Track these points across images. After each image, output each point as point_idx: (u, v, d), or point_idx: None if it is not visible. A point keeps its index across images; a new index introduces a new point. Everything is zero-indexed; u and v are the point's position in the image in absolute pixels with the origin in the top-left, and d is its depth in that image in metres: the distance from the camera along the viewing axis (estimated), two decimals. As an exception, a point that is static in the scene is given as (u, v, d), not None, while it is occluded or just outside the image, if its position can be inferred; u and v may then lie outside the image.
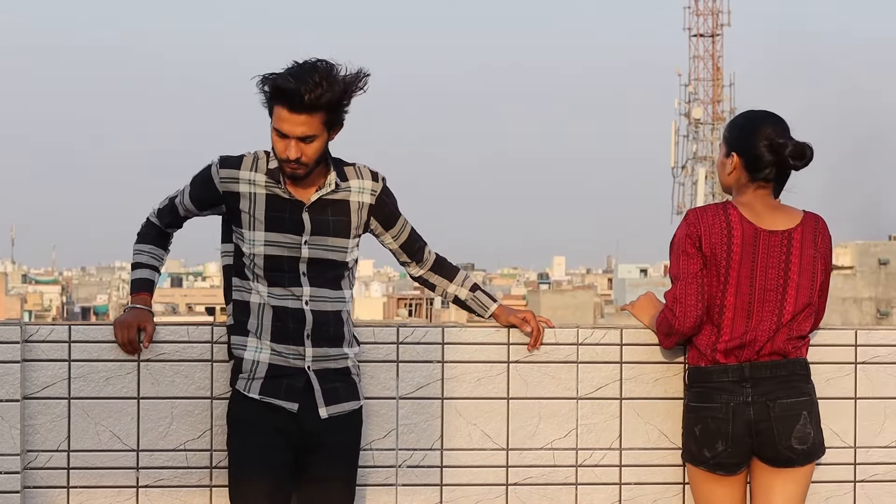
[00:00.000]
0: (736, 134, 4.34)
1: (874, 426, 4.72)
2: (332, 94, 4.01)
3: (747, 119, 4.36)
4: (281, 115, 4.04)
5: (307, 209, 4.18)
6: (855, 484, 4.71)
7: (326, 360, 4.20)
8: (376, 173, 4.31)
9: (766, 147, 4.26)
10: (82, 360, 4.37)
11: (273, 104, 4.05)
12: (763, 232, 4.27)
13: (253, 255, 4.17)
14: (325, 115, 4.05)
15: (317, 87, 3.99)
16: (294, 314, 4.16)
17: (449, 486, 4.55)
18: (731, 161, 4.32)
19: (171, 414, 4.41)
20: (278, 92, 4.01)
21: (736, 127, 4.37)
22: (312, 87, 3.98)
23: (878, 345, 4.74)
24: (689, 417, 4.34)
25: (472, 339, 4.56)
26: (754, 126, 4.30)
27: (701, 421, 4.29)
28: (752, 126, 4.31)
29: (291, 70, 4.03)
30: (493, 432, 4.58)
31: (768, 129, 4.28)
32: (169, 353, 4.40)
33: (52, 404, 4.37)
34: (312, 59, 4.05)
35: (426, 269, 4.49)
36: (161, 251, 4.39)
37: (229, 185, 4.19)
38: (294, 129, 4.03)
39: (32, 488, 4.36)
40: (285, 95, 4.00)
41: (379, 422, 4.51)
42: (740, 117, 4.41)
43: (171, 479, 4.42)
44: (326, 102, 4.02)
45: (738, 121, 4.39)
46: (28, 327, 4.37)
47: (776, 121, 4.31)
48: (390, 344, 4.52)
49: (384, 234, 4.36)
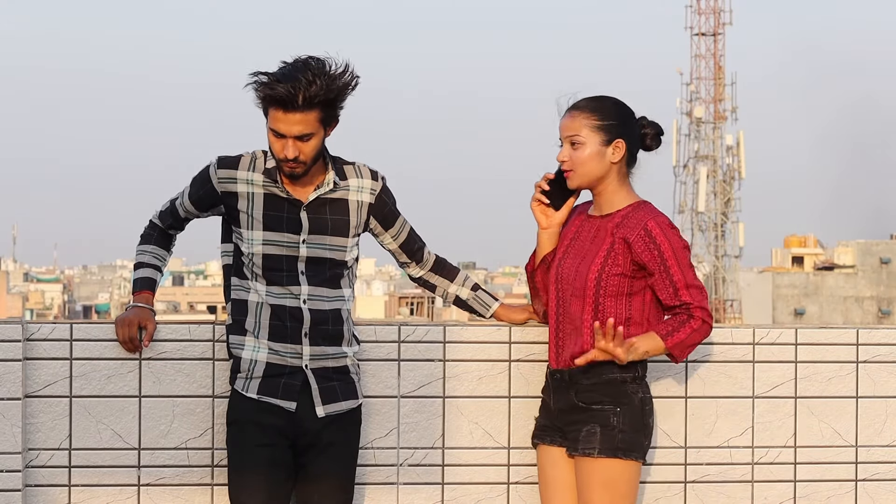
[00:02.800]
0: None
1: (875, 425, 4.72)
2: (325, 90, 4.01)
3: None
4: (277, 116, 4.03)
5: (305, 208, 4.18)
6: (856, 483, 4.72)
7: (324, 358, 4.20)
8: (376, 172, 4.31)
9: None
10: (84, 359, 4.37)
11: (267, 105, 4.05)
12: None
13: (252, 255, 4.17)
14: (320, 113, 4.04)
15: (310, 85, 3.98)
16: (292, 313, 4.16)
17: (450, 485, 4.55)
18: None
19: (172, 412, 4.41)
20: (272, 93, 4.00)
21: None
22: (306, 85, 3.98)
23: (880, 344, 4.74)
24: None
25: (474, 338, 4.56)
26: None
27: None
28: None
29: (283, 70, 4.02)
30: (494, 431, 4.57)
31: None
32: (170, 351, 4.40)
33: (54, 402, 4.37)
34: (303, 57, 4.05)
35: (426, 270, 4.49)
36: (163, 252, 4.39)
37: (227, 185, 4.19)
38: (291, 128, 4.03)
39: (34, 487, 4.36)
40: (279, 96, 3.99)
41: (380, 420, 4.51)
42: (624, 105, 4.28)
43: (172, 478, 4.42)
44: (321, 99, 4.01)
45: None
46: (29, 326, 4.37)
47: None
48: (392, 342, 4.52)
49: (383, 234, 4.35)
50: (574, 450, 4.12)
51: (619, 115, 4.20)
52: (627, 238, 4.10)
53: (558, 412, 4.19)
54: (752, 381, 4.66)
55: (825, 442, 4.69)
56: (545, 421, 4.26)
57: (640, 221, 4.12)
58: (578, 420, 4.13)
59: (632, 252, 4.10)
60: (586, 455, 4.08)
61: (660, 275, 4.08)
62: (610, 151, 4.17)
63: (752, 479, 4.66)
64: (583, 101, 4.22)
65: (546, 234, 4.31)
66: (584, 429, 4.10)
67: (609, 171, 4.19)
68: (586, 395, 4.12)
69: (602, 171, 4.18)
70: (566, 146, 4.20)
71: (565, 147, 4.20)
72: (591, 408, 4.11)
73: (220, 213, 4.27)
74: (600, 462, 4.07)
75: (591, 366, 4.09)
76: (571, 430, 4.15)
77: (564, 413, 4.17)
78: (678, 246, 4.11)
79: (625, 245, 4.10)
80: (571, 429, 4.15)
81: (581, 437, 4.10)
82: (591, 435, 4.09)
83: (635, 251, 4.09)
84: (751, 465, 4.66)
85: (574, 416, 4.14)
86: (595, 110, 4.18)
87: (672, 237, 4.10)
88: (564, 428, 4.18)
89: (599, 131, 4.16)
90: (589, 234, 4.22)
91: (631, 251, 4.10)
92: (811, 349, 4.69)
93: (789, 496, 4.68)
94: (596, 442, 4.08)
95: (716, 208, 62.42)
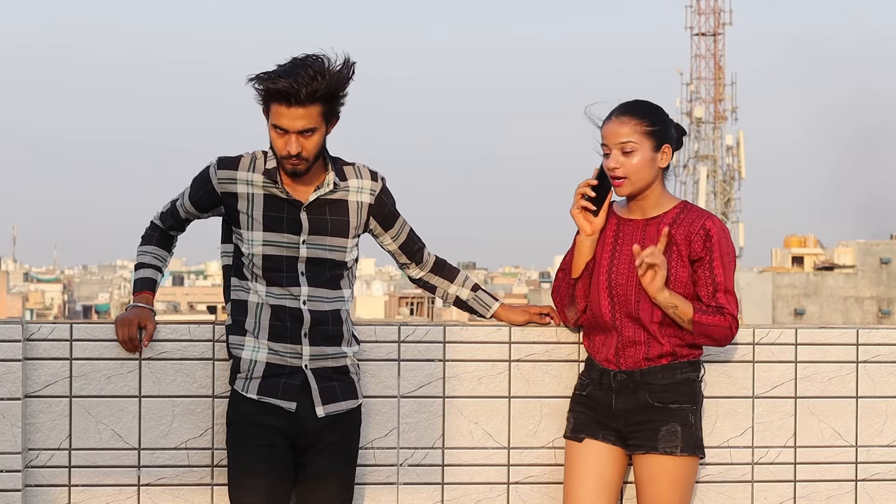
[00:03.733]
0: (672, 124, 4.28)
1: (875, 425, 4.72)
2: (327, 85, 4.03)
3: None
4: (279, 111, 4.05)
5: (305, 209, 4.18)
6: (856, 483, 4.72)
7: (324, 358, 4.20)
8: (375, 173, 4.31)
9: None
10: (84, 359, 4.37)
11: (269, 102, 4.06)
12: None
13: (252, 255, 4.17)
14: (322, 107, 4.06)
15: (312, 81, 4.01)
16: (292, 313, 4.16)
17: (450, 485, 4.55)
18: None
19: (172, 412, 4.41)
20: (275, 87, 4.01)
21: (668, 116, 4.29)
22: (308, 80, 4.00)
23: (880, 344, 4.74)
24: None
25: (474, 338, 4.56)
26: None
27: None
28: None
29: (285, 67, 4.04)
30: (494, 431, 4.57)
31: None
32: (170, 351, 4.40)
33: (54, 403, 4.37)
34: (301, 55, 4.07)
35: (426, 271, 4.49)
36: (164, 252, 4.39)
37: (227, 185, 4.19)
38: (294, 123, 4.04)
39: (34, 487, 4.36)
40: (283, 90, 4.01)
41: (380, 420, 4.51)
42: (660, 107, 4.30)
43: (172, 478, 4.42)
44: (323, 94, 4.03)
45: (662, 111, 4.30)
46: (29, 326, 4.37)
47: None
48: (392, 342, 4.52)
49: (383, 235, 4.36)
50: (651, 449, 4.18)
51: (665, 120, 4.25)
52: (688, 235, 4.18)
53: (622, 413, 4.22)
54: (752, 381, 4.66)
55: (825, 442, 4.69)
56: (594, 417, 4.28)
57: (699, 219, 4.21)
58: (654, 419, 4.19)
59: (690, 249, 4.18)
60: (667, 453, 4.16)
61: (704, 271, 4.18)
62: (660, 157, 4.21)
63: (751, 479, 4.66)
64: (629, 106, 4.23)
65: (590, 240, 4.29)
66: (663, 428, 4.18)
67: (657, 176, 4.23)
68: (662, 395, 4.19)
69: (653, 176, 4.21)
70: (615, 153, 4.18)
71: (615, 154, 4.19)
72: (668, 407, 4.19)
73: (221, 213, 4.27)
74: (681, 460, 4.17)
75: (665, 367, 4.19)
76: (642, 430, 4.20)
77: (631, 413, 4.21)
78: (728, 250, 4.22)
79: (686, 243, 4.18)
80: (643, 428, 4.20)
81: (660, 435, 4.17)
82: (672, 434, 4.17)
83: (694, 248, 4.17)
84: (751, 465, 4.66)
85: (647, 416, 4.20)
86: (645, 116, 4.20)
87: (725, 240, 4.22)
88: (627, 428, 4.22)
89: (650, 137, 4.19)
90: (636, 237, 4.24)
91: (690, 248, 4.18)
92: (811, 349, 4.69)
93: (789, 496, 4.68)
94: (678, 440, 4.17)
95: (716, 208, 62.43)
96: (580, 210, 4.26)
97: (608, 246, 4.27)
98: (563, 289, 4.36)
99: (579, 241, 4.30)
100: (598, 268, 4.28)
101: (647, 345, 4.20)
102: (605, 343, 4.26)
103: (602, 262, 4.27)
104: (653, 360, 4.20)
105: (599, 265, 4.27)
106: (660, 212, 4.24)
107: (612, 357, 4.23)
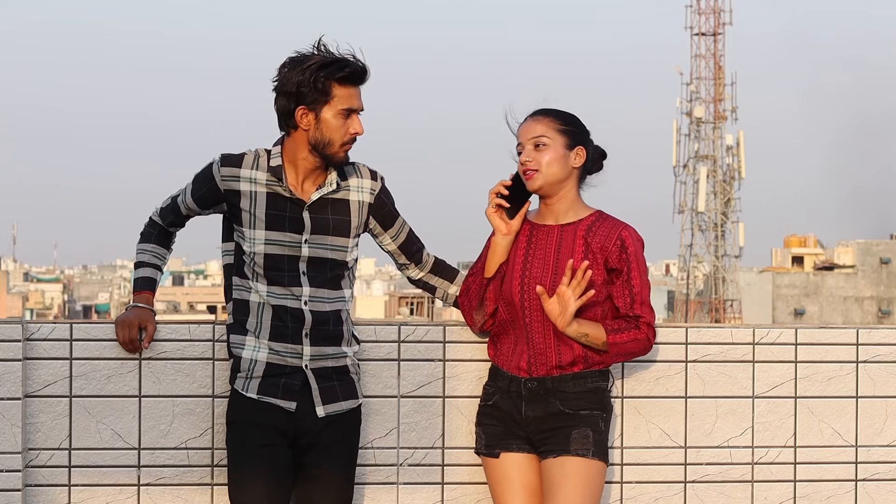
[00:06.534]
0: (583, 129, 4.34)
1: (876, 425, 4.73)
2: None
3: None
4: (350, 93, 4.12)
5: (308, 208, 4.18)
6: (856, 483, 4.72)
7: (324, 358, 4.20)
8: (375, 172, 4.31)
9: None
10: (84, 359, 4.37)
11: (336, 87, 4.10)
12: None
13: (253, 254, 4.17)
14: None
15: (361, 61, 4.13)
16: (293, 313, 4.16)
17: (450, 485, 4.55)
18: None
19: (172, 412, 4.41)
20: (349, 68, 4.09)
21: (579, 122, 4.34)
22: (361, 61, 4.13)
23: (880, 344, 4.74)
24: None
25: (474, 338, 4.56)
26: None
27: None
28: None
29: (338, 56, 4.11)
30: (494, 431, 4.57)
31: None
32: (170, 351, 4.40)
33: (54, 402, 4.37)
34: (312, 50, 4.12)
35: (426, 272, 4.49)
36: (163, 250, 4.39)
37: (230, 183, 4.19)
38: (362, 102, 4.16)
39: (34, 486, 4.36)
40: (357, 72, 4.11)
41: (380, 420, 4.51)
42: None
43: (172, 478, 4.42)
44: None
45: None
46: (29, 325, 4.37)
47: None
48: (392, 342, 4.53)
49: (383, 235, 4.36)
50: (563, 451, 4.14)
51: (580, 125, 4.32)
52: (604, 245, 4.20)
53: (532, 420, 4.21)
54: (752, 381, 4.67)
55: (825, 442, 4.70)
56: (504, 428, 4.26)
57: (615, 229, 4.23)
58: (565, 425, 4.18)
59: (606, 257, 4.19)
60: (579, 455, 4.13)
61: (621, 283, 4.20)
62: (572, 156, 4.26)
63: (751, 479, 4.66)
64: (545, 109, 4.32)
65: (506, 240, 4.31)
66: (574, 432, 4.16)
67: (570, 176, 4.27)
68: (573, 402, 4.19)
69: (564, 174, 4.25)
70: (528, 148, 4.25)
71: (528, 149, 4.25)
72: (579, 413, 4.19)
73: (223, 211, 4.26)
74: (592, 463, 4.15)
75: (576, 375, 4.19)
76: (554, 435, 4.18)
77: (543, 420, 4.20)
78: (643, 261, 4.25)
79: (602, 252, 4.20)
80: (554, 434, 4.18)
81: (572, 438, 4.15)
82: (584, 437, 4.16)
83: (610, 258, 4.19)
84: (751, 465, 4.66)
85: (559, 423, 4.18)
86: (559, 116, 4.30)
87: (640, 251, 4.25)
88: (538, 435, 4.21)
89: (564, 135, 4.26)
90: (551, 242, 4.26)
91: (606, 256, 4.19)
92: (811, 349, 4.69)
93: (789, 496, 4.68)
94: (590, 444, 4.16)
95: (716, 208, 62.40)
96: (495, 209, 4.30)
97: (521, 251, 4.30)
98: (472, 290, 4.36)
99: (494, 242, 4.32)
100: (510, 272, 4.29)
101: (558, 350, 4.19)
102: (516, 351, 4.26)
103: (515, 266, 4.29)
104: (564, 368, 4.20)
105: (512, 269, 4.29)
106: (574, 218, 4.27)
107: (524, 365, 4.23)
